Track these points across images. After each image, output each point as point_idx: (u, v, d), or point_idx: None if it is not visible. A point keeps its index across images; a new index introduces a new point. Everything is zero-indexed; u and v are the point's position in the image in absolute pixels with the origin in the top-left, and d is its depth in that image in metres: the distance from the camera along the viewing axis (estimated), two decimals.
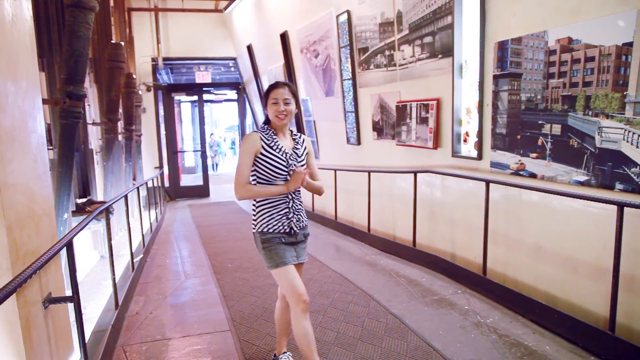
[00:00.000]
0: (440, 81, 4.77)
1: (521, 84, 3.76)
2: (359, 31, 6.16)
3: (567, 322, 3.28)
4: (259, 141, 2.56)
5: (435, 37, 4.74)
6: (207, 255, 6.09)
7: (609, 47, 3.04)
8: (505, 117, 3.95)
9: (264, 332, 3.53)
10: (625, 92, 2.96)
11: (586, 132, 3.25)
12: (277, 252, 2.58)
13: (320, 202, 8.34)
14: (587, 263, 3.33)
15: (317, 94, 7.89)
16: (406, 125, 5.41)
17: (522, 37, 3.69)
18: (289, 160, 2.59)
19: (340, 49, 6.72)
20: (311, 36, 7.54)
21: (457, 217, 4.77)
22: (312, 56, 7.74)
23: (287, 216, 2.62)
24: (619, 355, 2.92)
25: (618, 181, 3.06)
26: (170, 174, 12.53)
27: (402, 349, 3.18)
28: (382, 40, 5.69)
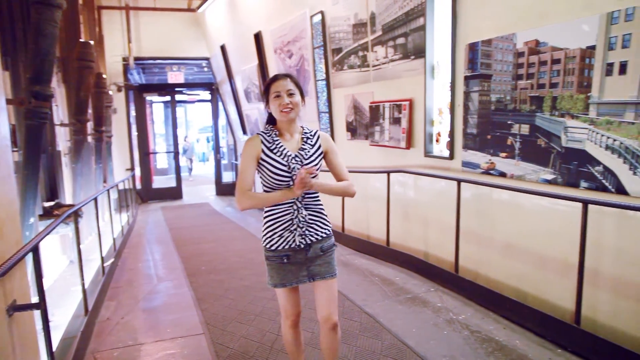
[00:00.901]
0: (413, 82, 4.82)
1: (491, 85, 3.84)
2: (332, 32, 6.18)
3: (536, 317, 3.37)
4: (259, 144, 2.27)
5: (408, 39, 4.79)
6: (180, 257, 6.02)
7: (574, 50, 3.13)
8: (476, 118, 4.03)
9: (239, 335, 3.51)
10: (589, 94, 3.05)
11: (553, 132, 3.34)
12: (278, 273, 2.34)
13: None
14: (555, 259, 3.42)
15: None
16: (379, 126, 5.45)
17: (492, 39, 3.77)
18: (291, 163, 2.25)
19: (314, 49, 6.73)
20: (285, 36, 7.53)
21: (430, 216, 4.83)
22: (286, 56, 7.73)
23: (291, 230, 2.29)
24: (583, 346, 3.01)
25: (583, 179, 3.15)
26: (142, 176, 12.33)
27: (377, 347, 3.21)
28: (356, 41, 5.73)
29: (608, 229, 3.04)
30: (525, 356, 3.05)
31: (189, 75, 14.37)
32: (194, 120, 22.82)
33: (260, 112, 9.53)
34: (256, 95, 9.43)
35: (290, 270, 2.33)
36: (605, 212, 3.01)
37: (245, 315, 3.88)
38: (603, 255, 3.07)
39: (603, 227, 3.05)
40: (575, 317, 3.11)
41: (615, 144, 2.92)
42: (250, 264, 5.48)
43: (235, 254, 6.03)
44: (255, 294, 4.38)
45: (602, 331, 3.06)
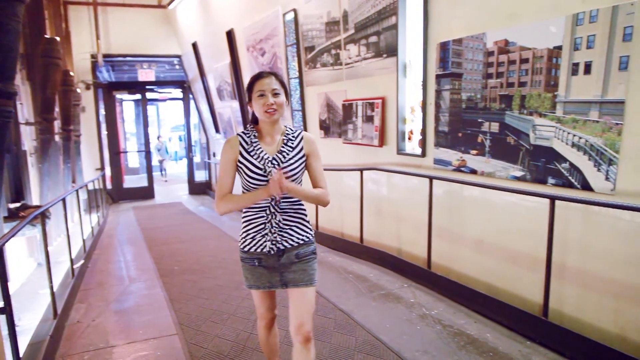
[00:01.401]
0: (385, 80, 4.86)
1: (462, 84, 3.90)
2: (305, 30, 6.18)
3: (506, 311, 3.44)
4: (237, 146, 2.18)
5: (381, 37, 4.83)
6: (152, 258, 5.93)
7: (542, 50, 3.21)
8: (447, 116, 4.09)
9: (213, 334, 3.48)
10: (556, 93, 3.13)
11: (522, 129, 3.41)
12: (252, 275, 2.28)
13: None
14: (524, 254, 3.51)
15: None
16: (352, 124, 5.48)
17: (462, 38, 3.83)
18: (267, 166, 2.14)
19: (287, 47, 6.71)
20: (257, 34, 7.49)
21: (403, 213, 4.89)
22: (258, 54, 7.69)
23: (263, 234, 2.20)
24: (551, 338, 3.10)
25: (550, 176, 3.23)
26: (113, 176, 12.09)
27: (351, 343, 3.23)
28: (329, 39, 5.74)
29: (574, 224, 3.13)
30: (495, 349, 3.12)
31: (160, 73, 14.16)
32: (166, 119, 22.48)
33: (233, 110, 9.46)
34: (229, 93, 9.35)
35: (263, 274, 2.26)
36: (571, 207, 3.10)
37: (219, 314, 3.85)
38: (569, 250, 3.16)
39: (569, 222, 3.14)
40: (543, 310, 3.19)
41: (581, 141, 3.01)
42: (224, 263, 5.44)
43: (208, 254, 5.98)
44: (229, 293, 4.35)
45: (569, 323, 3.15)
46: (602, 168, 2.90)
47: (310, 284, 2.26)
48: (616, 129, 2.79)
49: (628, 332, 2.87)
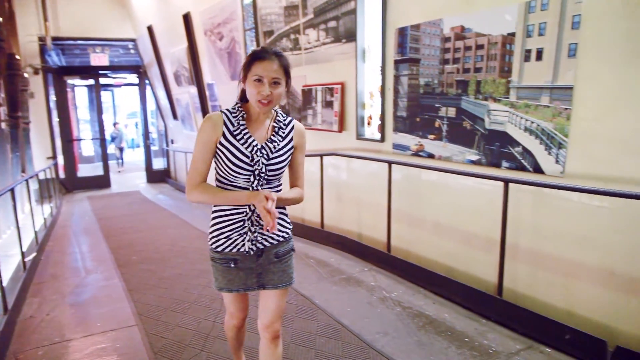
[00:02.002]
0: (345, 65, 4.86)
1: (420, 69, 3.95)
2: (264, 14, 6.09)
3: (463, 291, 3.55)
4: (220, 125, 1.87)
5: (339, 22, 4.82)
6: (109, 248, 5.78)
7: (496, 37, 3.28)
8: (406, 101, 4.14)
9: (173, 324, 3.44)
10: (510, 78, 3.22)
11: (477, 114, 3.50)
12: (224, 276, 2.04)
13: None
14: (480, 236, 3.61)
15: (222, 78, 7.71)
16: (312, 109, 5.47)
17: (420, 24, 3.86)
18: (255, 156, 1.87)
19: (246, 31, 6.61)
20: (215, 18, 7.33)
21: (363, 198, 4.94)
22: (216, 39, 7.54)
23: (241, 233, 1.96)
24: (505, 316, 3.22)
25: (504, 160, 3.33)
26: (66, 165, 11.65)
27: (313, 328, 3.26)
28: (288, 23, 5.67)
29: (527, 206, 3.25)
30: (453, 328, 3.22)
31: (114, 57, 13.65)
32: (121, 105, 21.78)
33: (191, 96, 9.26)
34: (186, 78, 9.14)
35: (238, 276, 2.02)
36: (524, 190, 3.21)
37: (179, 303, 3.80)
38: (522, 231, 3.28)
39: (523, 204, 3.25)
40: (498, 289, 3.31)
41: (533, 126, 3.11)
42: (184, 252, 5.36)
43: (168, 243, 5.88)
44: (189, 281, 4.30)
45: (522, 301, 3.28)
46: (552, 152, 3.01)
47: (289, 285, 2.09)
48: (565, 113, 2.90)
49: (575, 307, 3.02)
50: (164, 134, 13.00)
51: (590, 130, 2.81)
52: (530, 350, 2.92)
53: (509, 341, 3.03)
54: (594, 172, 2.82)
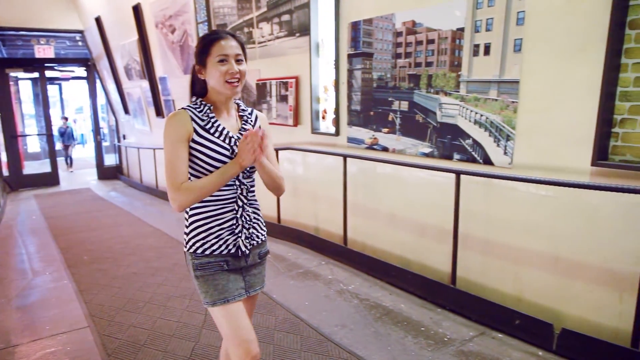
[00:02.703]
0: (299, 59, 4.85)
1: (373, 63, 3.98)
2: (216, 7, 5.98)
3: (418, 281, 3.63)
4: (188, 122, 1.70)
5: (293, 16, 4.79)
6: (59, 248, 5.56)
7: (446, 32, 3.35)
8: (360, 95, 4.17)
9: (127, 324, 3.35)
10: (460, 72, 3.29)
11: (429, 108, 3.56)
12: (216, 284, 1.76)
13: None
14: (434, 226, 3.70)
15: (175, 71, 7.54)
16: (267, 104, 5.43)
17: (372, 18, 3.89)
18: (234, 147, 1.73)
19: (198, 24, 6.48)
20: (167, 10, 7.15)
21: (319, 191, 4.95)
22: (168, 32, 7.35)
23: (234, 230, 1.78)
24: (459, 304, 3.32)
25: (456, 152, 3.41)
26: (10, 162, 11.10)
27: (271, 323, 3.25)
28: (241, 17, 5.60)
29: (478, 197, 3.34)
30: (409, 318, 3.28)
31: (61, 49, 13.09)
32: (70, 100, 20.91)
33: (143, 90, 9.00)
34: (138, 72, 8.88)
35: (231, 280, 1.79)
36: (475, 181, 3.30)
37: (134, 303, 3.71)
38: (474, 221, 3.38)
39: (474, 195, 3.34)
40: (451, 278, 3.40)
41: (482, 119, 3.20)
42: (138, 250, 5.23)
43: (121, 241, 5.72)
44: (144, 280, 4.20)
45: (474, 289, 3.38)
46: (501, 143, 3.10)
47: (262, 288, 1.96)
48: (512, 106, 3.00)
49: (524, 293, 3.14)
50: (115, 129, 12.59)
51: (535, 122, 2.92)
52: (483, 337, 3.01)
53: (462, 328, 3.12)
54: (539, 163, 2.93)
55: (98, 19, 9.81)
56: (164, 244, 5.43)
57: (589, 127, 2.62)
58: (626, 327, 2.53)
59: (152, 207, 8.05)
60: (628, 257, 2.54)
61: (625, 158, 2.56)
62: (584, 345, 2.63)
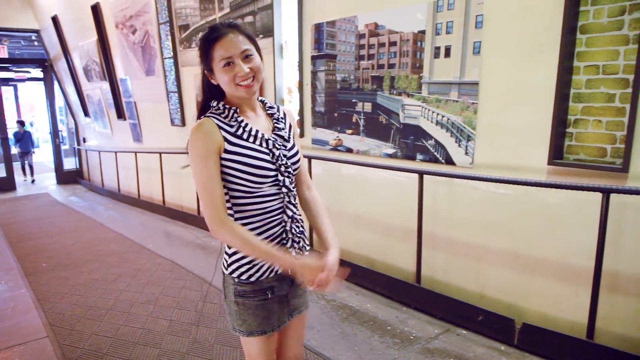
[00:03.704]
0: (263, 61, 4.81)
1: (336, 65, 4.00)
2: (178, 7, 5.89)
3: (383, 281, 3.66)
4: (217, 132, 1.45)
5: (256, 17, 4.76)
6: (15, 256, 5.35)
7: (408, 34, 3.40)
8: (324, 96, 4.18)
9: (89, 332, 3.26)
10: (422, 74, 3.35)
11: (392, 109, 3.61)
12: (257, 315, 1.56)
13: (146, 187, 7.91)
14: (398, 226, 3.74)
15: (136, 73, 7.38)
16: None
17: (335, 20, 3.91)
18: (274, 149, 1.50)
19: (160, 25, 6.36)
20: (127, 10, 6.99)
21: None
22: (129, 32, 7.19)
23: (285, 243, 1.56)
24: (424, 302, 3.37)
25: (419, 152, 3.46)
26: None
27: None
28: (204, 17, 5.53)
29: (441, 196, 3.40)
30: (375, 317, 3.31)
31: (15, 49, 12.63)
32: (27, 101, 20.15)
33: (103, 92, 8.78)
34: (97, 73, 8.65)
35: (274, 309, 1.59)
36: (438, 181, 3.36)
37: (95, 310, 3.61)
38: (437, 220, 3.44)
39: (437, 194, 3.40)
40: (416, 277, 3.45)
41: (443, 119, 3.26)
42: (99, 256, 5.09)
43: (81, 247, 5.55)
44: (105, 286, 4.09)
45: (439, 287, 3.44)
46: (462, 144, 3.17)
47: (307, 309, 1.75)
48: (473, 107, 3.07)
49: (486, 290, 3.21)
50: (75, 132, 12.22)
51: (495, 123, 3.00)
52: (448, 334, 3.07)
53: (428, 326, 3.17)
54: (499, 162, 3.01)
55: (55, 18, 9.50)
56: (127, 249, 5.30)
57: (545, 128, 2.71)
58: (582, 320, 2.62)
59: (115, 212, 7.85)
60: (583, 253, 2.64)
61: (579, 157, 2.66)
62: (544, 339, 2.72)
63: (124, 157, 8.63)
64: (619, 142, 2.49)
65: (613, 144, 2.52)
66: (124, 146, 8.68)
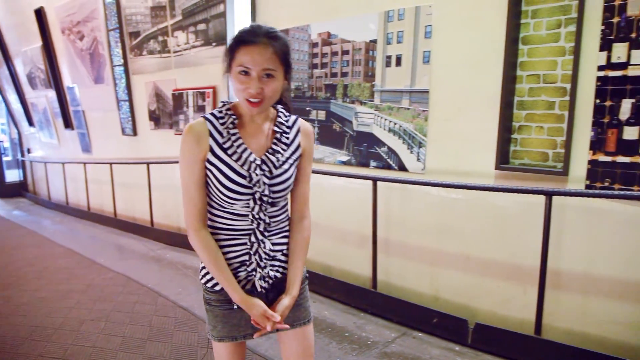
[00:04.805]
0: (216, 69, 4.78)
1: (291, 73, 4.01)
2: (128, 14, 5.77)
3: (340, 287, 3.69)
4: (205, 137, 1.39)
5: (209, 25, 4.73)
6: None
7: (360, 43, 3.46)
8: None
9: (35, 354, 3.10)
10: (374, 83, 3.41)
11: (346, 117, 3.65)
12: (226, 323, 1.54)
13: (96, 199, 7.65)
14: (354, 232, 3.78)
15: (85, 81, 7.15)
16: (184, 114, 5.30)
17: (289, 29, 3.94)
18: (254, 175, 1.40)
19: (109, 32, 6.20)
20: (74, 15, 6.78)
21: None
22: (76, 38, 6.97)
23: (246, 265, 1.49)
24: (380, 307, 3.41)
25: (372, 159, 3.52)
26: None
27: (194, 340, 3.16)
28: (155, 25, 5.44)
29: (394, 202, 3.47)
30: (333, 324, 3.32)
31: None
32: None
33: (49, 101, 8.45)
34: (42, 80, 8.33)
35: (243, 319, 1.54)
36: (391, 187, 3.43)
37: (41, 330, 3.44)
38: (392, 225, 3.50)
39: (390, 200, 3.47)
40: (372, 282, 3.49)
41: (396, 127, 3.33)
42: (46, 273, 4.87)
43: (26, 264, 5.29)
44: (52, 305, 3.91)
45: (395, 291, 3.50)
46: (414, 150, 3.25)
47: (309, 321, 1.65)
48: (423, 115, 3.15)
49: (440, 292, 3.29)
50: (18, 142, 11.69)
51: (445, 129, 3.09)
52: (404, 337, 3.12)
53: (385, 331, 3.21)
54: (450, 168, 3.10)
55: None
56: (75, 264, 5.10)
57: (492, 134, 2.82)
58: (530, 317, 2.73)
59: (62, 225, 7.55)
60: (529, 253, 2.75)
61: (523, 161, 2.78)
62: (496, 337, 2.81)
63: (73, 168, 8.32)
64: (560, 147, 2.62)
65: (554, 148, 2.65)
66: (72, 157, 8.38)
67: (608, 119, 2.39)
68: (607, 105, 2.39)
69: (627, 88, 2.32)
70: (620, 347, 2.51)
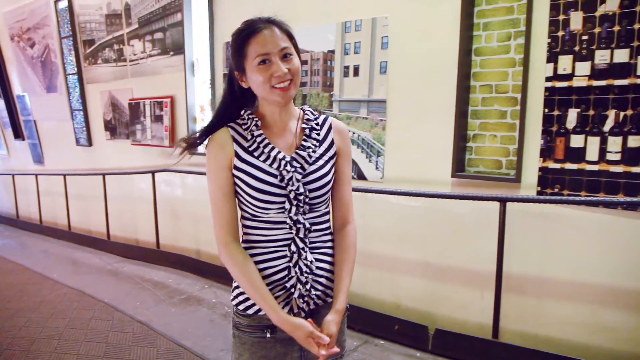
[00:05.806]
0: (174, 78, 4.72)
1: None
2: (82, 21, 5.63)
3: None
4: (229, 143, 1.29)
5: (166, 34, 4.66)
6: None
7: (318, 53, 3.49)
8: None
9: None
10: (332, 92, 3.44)
11: None
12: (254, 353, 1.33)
13: (49, 212, 7.37)
14: None
15: (36, 89, 6.91)
16: (141, 124, 5.19)
17: None
18: (285, 172, 1.26)
19: (62, 39, 6.03)
20: (24, 22, 6.55)
21: (200, 213, 4.82)
22: (26, 45, 6.74)
23: (286, 285, 1.29)
24: None
25: None
26: None
27: (152, 355, 3.07)
28: (110, 33, 5.33)
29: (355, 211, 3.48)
30: None
31: None
32: None
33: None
34: None
35: (274, 351, 1.33)
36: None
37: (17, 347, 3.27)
38: None
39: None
40: None
41: (354, 136, 3.36)
42: None
43: None
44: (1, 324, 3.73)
45: (357, 300, 3.50)
46: (372, 159, 3.29)
47: (341, 357, 1.46)
48: (381, 124, 3.20)
49: (401, 300, 3.33)
50: None
51: (402, 138, 3.14)
52: (367, 345, 3.13)
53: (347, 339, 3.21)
54: (408, 176, 3.15)
55: None
56: (26, 280, 4.88)
57: (448, 142, 2.88)
58: (488, 321, 2.80)
59: (12, 240, 7.22)
60: (486, 258, 2.82)
61: (478, 169, 2.86)
62: (455, 342, 2.86)
63: (23, 180, 7.99)
64: (512, 155, 2.71)
65: (507, 156, 2.74)
66: (23, 168, 8.05)
67: (556, 128, 2.49)
68: (555, 114, 2.49)
69: (572, 98, 2.43)
70: (573, 347, 2.60)
